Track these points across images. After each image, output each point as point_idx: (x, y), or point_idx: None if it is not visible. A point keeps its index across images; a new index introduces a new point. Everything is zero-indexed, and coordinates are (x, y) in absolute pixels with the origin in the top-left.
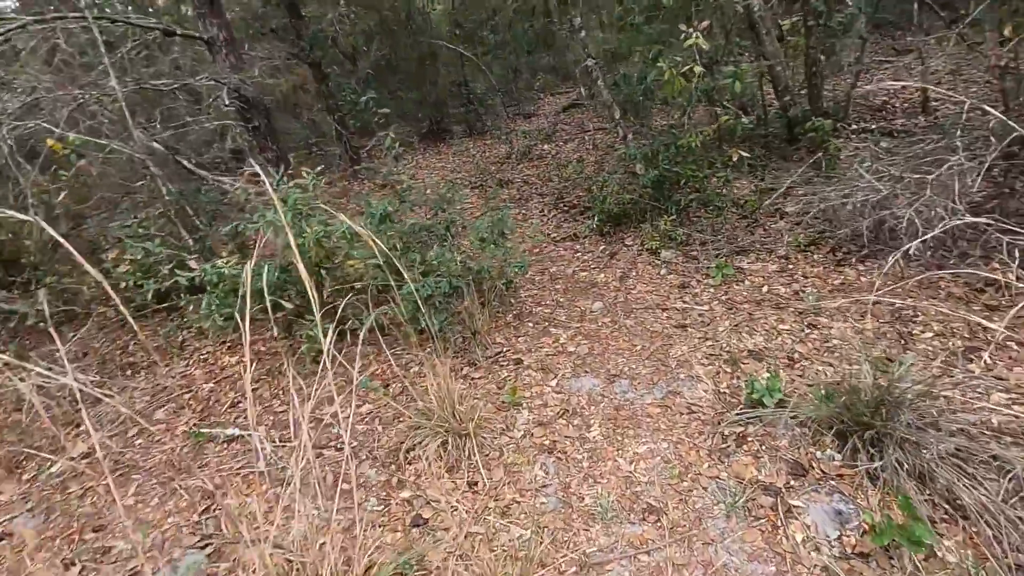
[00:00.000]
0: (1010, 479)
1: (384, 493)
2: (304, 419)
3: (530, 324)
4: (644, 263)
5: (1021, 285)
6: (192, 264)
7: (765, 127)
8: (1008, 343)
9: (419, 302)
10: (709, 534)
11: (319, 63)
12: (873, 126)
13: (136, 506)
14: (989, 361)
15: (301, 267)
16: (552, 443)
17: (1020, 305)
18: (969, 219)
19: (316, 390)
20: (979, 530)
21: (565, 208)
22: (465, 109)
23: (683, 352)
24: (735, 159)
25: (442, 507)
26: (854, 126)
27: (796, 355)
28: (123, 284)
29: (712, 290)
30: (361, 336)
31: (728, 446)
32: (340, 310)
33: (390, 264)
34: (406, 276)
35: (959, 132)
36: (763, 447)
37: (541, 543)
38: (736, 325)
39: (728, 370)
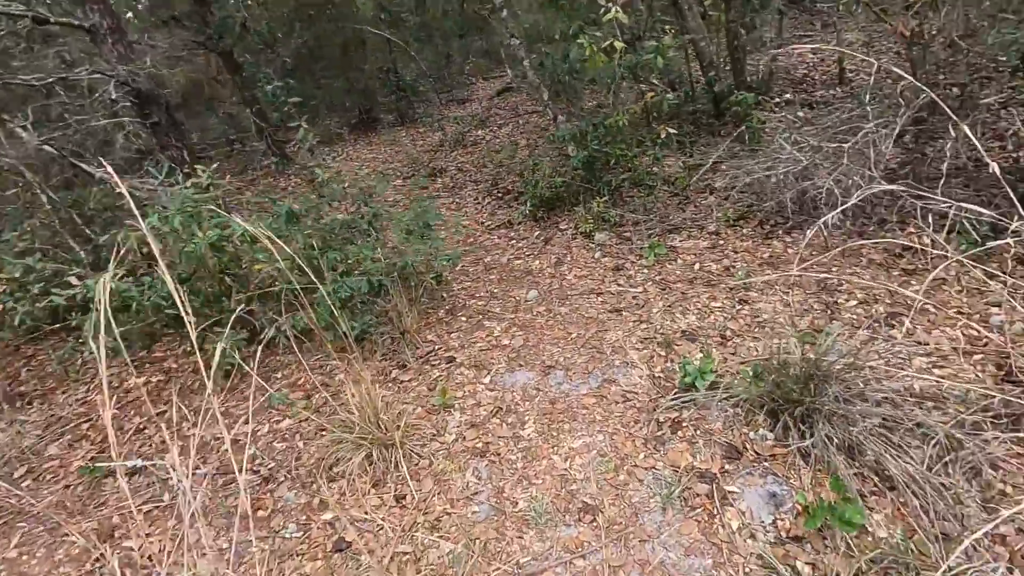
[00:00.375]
0: (934, 445)
1: (304, 517)
2: (185, 442)
3: (463, 318)
4: (579, 247)
5: (934, 251)
6: (73, 280)
7: (693, 103)
8: (926, 307)
9: (331, 306)
10: (646, 530)
11: (230, 52)
12: (794, 98)
13: (20, 559)
14: (910, 326)
15: (167, 277)
16: (485, 445)
17: (937, 269)
18: (885, 186)
19: (196, 413)
20: (907, 500)
21: (499, 195)
22: (396, 97)
23: (618, 337)
24: (663, 136)
25: (367, 527)
26: (777, 99)
27: (728, 333)
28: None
29: (646, 271)
30: (259, 347)
31: (663, 433)
32: (230, 323)
33: (308, 265)
34: (314, 278)
35: (868, 98)
36: (698, 432)
37: (472, 557)
38: (670, 306)
39: (662, 353)
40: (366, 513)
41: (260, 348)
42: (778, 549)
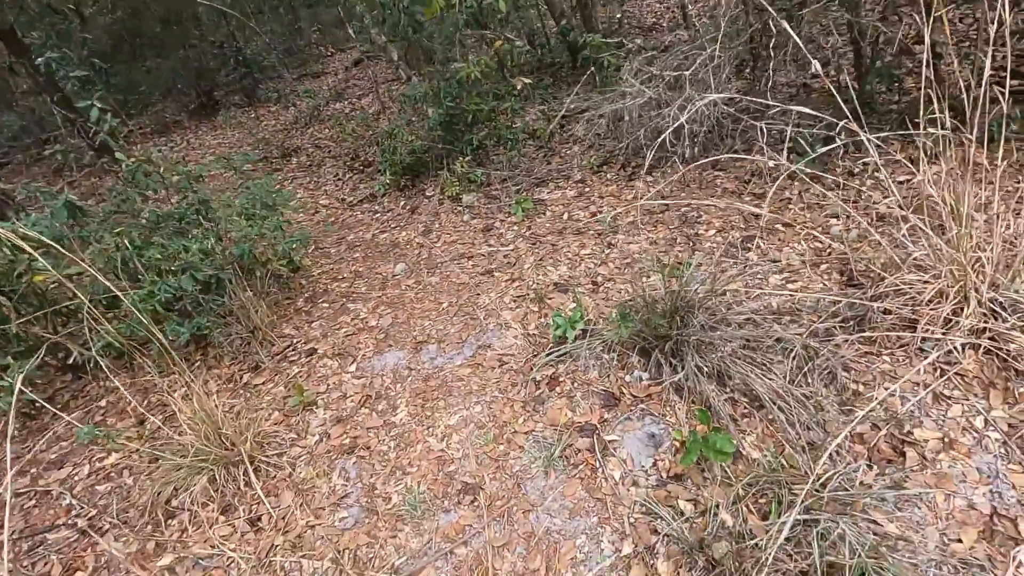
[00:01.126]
0: (793, 357)
1: (136, 568)
2: None
3: (325, 304)
4: (447, 212)
5: (773, 163)
6: None
7: (551, 56)
8: (776, 226)
9: (140, 314)
10: (529, 499)
11: (11, 30)
12: (644, 43)
13: None
14: (764, 246)
15: None
16: (353, 441)
17: (775, 184)
18: (712, 96)
19: None
20: (774, 417)
21: (361, 168)
22: (239, 75)
23: (491, 300)
24: (519, 88)
25: (215, 563)
26: (629, 45)
27: (600, 278)
28: None
29: (516, 228)
30: (72, 374)
31: (541, 392)
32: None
33: (121, 269)
34: (111, 286)
35: (703, 31)
36: (575, 384)
37: (341, 571)
38: (541, 259)
39: (536, 309)
40: (213, 547)
41: (75, 375)
42: (660, 492)
